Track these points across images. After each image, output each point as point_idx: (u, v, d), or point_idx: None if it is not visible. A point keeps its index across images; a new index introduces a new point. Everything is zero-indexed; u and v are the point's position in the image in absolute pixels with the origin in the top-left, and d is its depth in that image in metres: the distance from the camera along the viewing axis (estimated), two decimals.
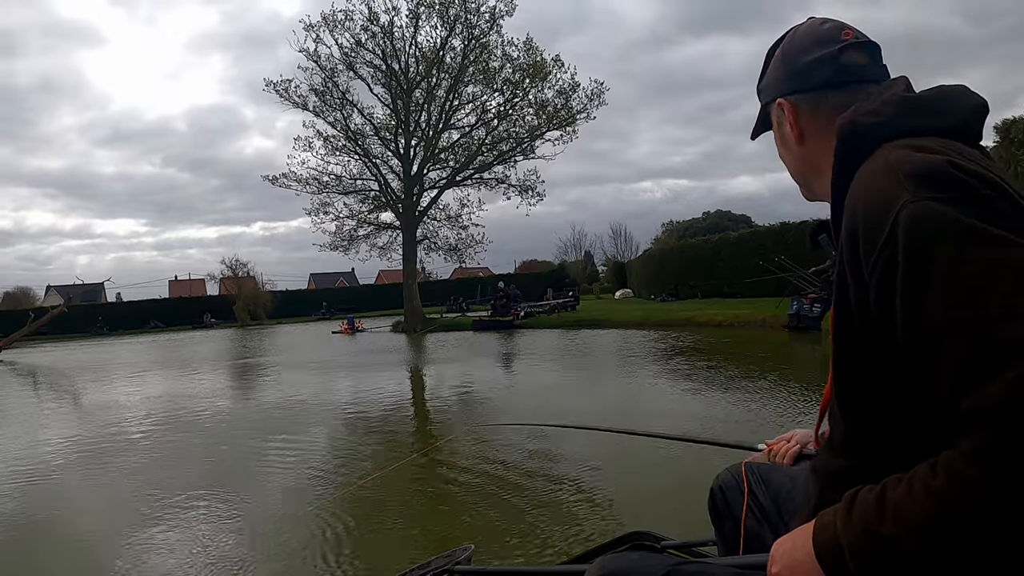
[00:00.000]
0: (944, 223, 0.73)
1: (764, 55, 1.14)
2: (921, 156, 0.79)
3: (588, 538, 3.29)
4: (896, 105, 0.89)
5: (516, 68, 24.58)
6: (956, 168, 0.77)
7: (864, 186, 0.82)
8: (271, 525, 3.92)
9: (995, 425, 0.65)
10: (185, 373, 14.57)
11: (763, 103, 1.13)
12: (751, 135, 1.22)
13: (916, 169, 0.78)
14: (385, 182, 26.27)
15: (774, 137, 1.13)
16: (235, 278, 45.52)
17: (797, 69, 1.05)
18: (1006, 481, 0.65)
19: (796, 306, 13.51)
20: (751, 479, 1.36)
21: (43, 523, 4.33)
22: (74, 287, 45.44)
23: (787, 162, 1.12)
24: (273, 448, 6.15)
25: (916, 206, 0.75)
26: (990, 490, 0.66)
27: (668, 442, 4.33)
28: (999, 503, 0.65)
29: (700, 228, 44.61)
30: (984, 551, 0.68)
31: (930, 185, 0.76)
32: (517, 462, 4.98)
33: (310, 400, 9.12)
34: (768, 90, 1.10)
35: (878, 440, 0.86)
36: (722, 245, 24.92)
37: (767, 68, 1.12)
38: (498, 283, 25.56)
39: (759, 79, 1.15)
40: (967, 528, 0.67)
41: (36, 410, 10.39)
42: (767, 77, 1.12)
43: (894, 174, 0.79)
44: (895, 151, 0.83)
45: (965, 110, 0.89)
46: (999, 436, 0.65)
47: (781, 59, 1.08)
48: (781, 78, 1.07)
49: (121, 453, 6.32)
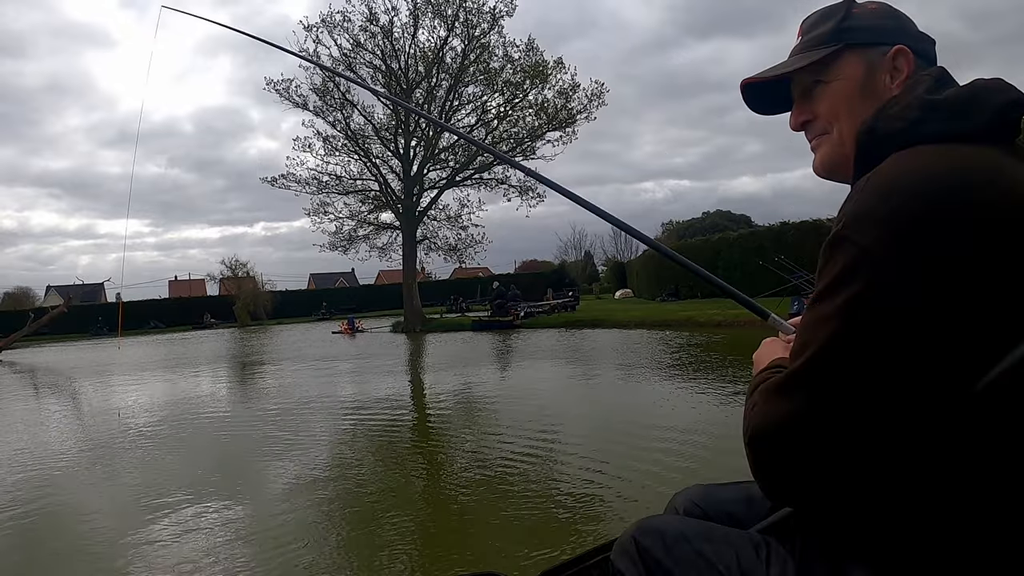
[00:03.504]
0: (834, 263, 0.81)
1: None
2: (895, 186, 0.79)
3: (589, 538, 3.29)
4: (918, 109, 0.86)
5: (517, 69, 24.59)
6: (933, 200, 0.76)
7: (879, 183, 0.81)
8: (272, 525, 3.91)
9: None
10: (186, 373, 14.57)
11: (852, 42, 0.96)
12: (758, 79, 1.04)
13: (859, 205, 0.80)
14: (385, 182, 26.28)
15: (838, 85, 0.97)
16: (235, 278, 45.52)
17: (913, 31, 0.98)
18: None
19: (796, 306, 13.52)
20: (721, 500, 1.27)
21: (44, 522, 4.33)
22: (74, 287, 45.49)
23: (857, 116, 0.93)
24: (274, 449, 6.14)
25: (832, 238, 0.82)
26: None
27: (668, 441, 4.29)
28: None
29: (700, 228, 44.62)
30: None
31: (853, 223, 0.80)
32: (517, 463, 4.98)
33: (310, 401, 9.12)
34: (878, 31, 0.96)
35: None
36: (722, 245, 24.92)
37: (851, 15, 0.98)
38: (493, 283, 25.56)
39: (840, 20, 0.97)
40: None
41: (36, 409, 10.39)
42: (865, 20, 0.97)
43: (866, 193, 0.81)
44: (888, 169, 0.81)
45: (993, 110, 0.84)
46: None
47: (889, 14, 0.98)
48: (899, 28, 0.97)
49: (122, 452, 6.31)
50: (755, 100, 1.09)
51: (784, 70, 1.00)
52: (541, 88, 24.67)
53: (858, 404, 0.76)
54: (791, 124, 1.04)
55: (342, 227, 26.64)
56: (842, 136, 0.96)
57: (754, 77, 1.05)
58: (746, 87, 1.07)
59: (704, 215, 51.25)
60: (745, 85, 1.07)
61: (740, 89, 1.08)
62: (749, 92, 1.08)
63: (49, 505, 4.72)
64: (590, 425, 6.36)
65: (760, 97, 1.08)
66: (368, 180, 26.54)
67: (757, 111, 1.10)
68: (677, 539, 1.05)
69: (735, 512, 1.23)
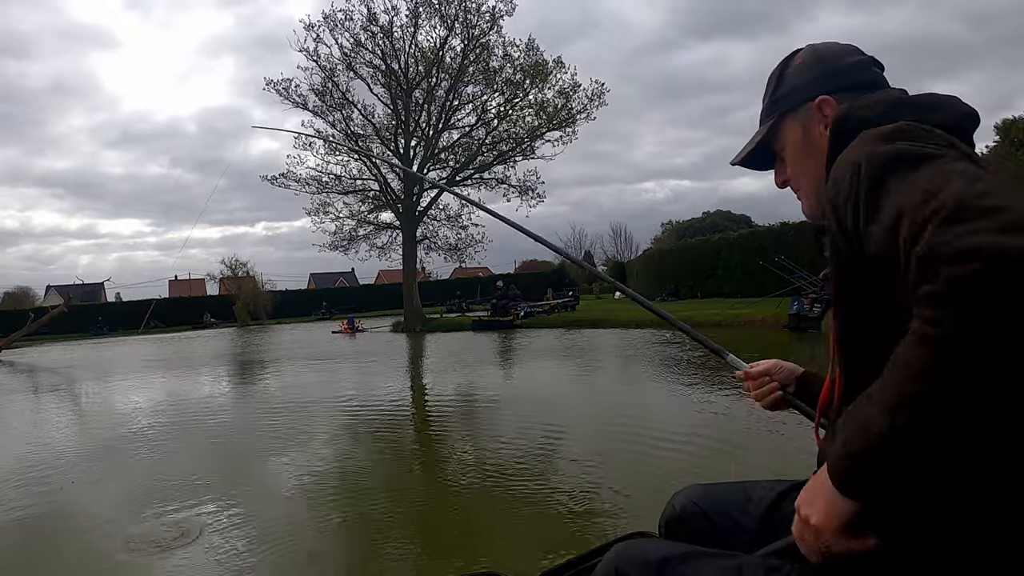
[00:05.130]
0: (896, 152, 0.80)
1: (768, 61, 1.13)
2: (887, 128, 0.85)
3: (589, 538, 3.29)
4: (888, 103, 0.93)
5: (516, 68, 24.59)
6: (907, 125, 0.85)
7: (841, 159, 0.88)
8: (272, 525, 3.91)
9: (941, 295, 0.65)
10: (186, 373, 14.56)
11: (783, 110, 1.07)
12: (740, 159, 1.16)
13: (882, 131, 0.85)
14: (385, 182, 26.26)
15: (788, 150, 1.08)
16: (235, 278, 45.50)
17: (838, 69, 1.03)
18: (967, 323, 0.64)
19: (796, 306, 13.52)
20: (722, 501, 1.27)
21: (46, 522, 4.33)
22: (74, 287, 45.45)
23: (810, 172, 1.04)
24: (274, 449, 6.14)
25: (872, 155, 0.81)
26: (959, 333, 0.64)
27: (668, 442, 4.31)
28: (964, 347, 0.64)
29: (700, 228, 44.60)
30: (957, 416, 0.66)
31: (888, 137, 0.83)
32: (517, 462, 4.98)
33: (311, 401, 9.11)
34: (799, 92, 1.05)
35: None
36: (722, 245, 24.92)
37: (782, 81, 1.08)
38: (496, 282, 25.55)
39: (773, 91, 1.10)
40: (939, 385, 0.66)
41: (37, 409, 10.39)
42: (790, 83, 1.07)
43: (863, 139, 0.86)
44: (877, 128, 0.87)
45: (956, 114, 0.91)
46: (947, 301, 0.64)
47: (813, 63, 1.05)
48: (819, 77, 1.03)
49: (123, 452, 6.31)
50: (750, 164, 1.18)
51: (748, 149, 1.14)
52: (541, 88, 24.69)
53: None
54: (776, 183, 1.14)
55: (342, 227, 26.66)
56: (806, 192, 1.07)
57: (736, 159, 1.18)
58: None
59: (704, 215, 51.22)
60: (734, 164, 1.20)
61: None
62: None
63: (49, 505, 4.72)
64: (590, 425, 6.36)
65: (751, 161, 1.17)
66: (368, 180, 26.57)
67: (755, 169, 1.18)
68: (660, 565, 1.01)
69: (733, 513, 1.22)
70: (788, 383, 1.35)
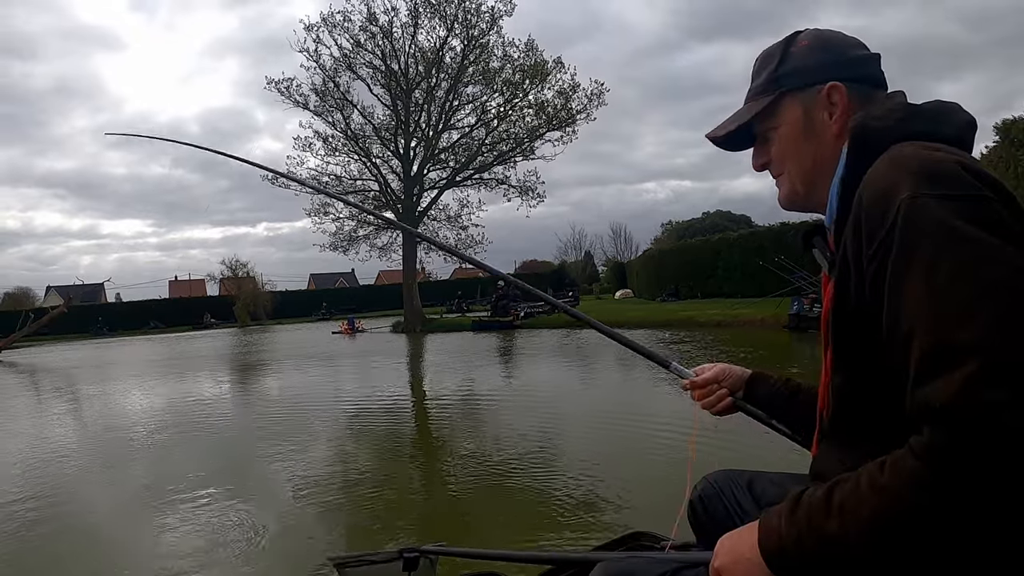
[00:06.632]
0: (935, 221, 0.73)
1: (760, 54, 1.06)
2: (930, 154, 0.80)
3: (589, 538, 3.29)
4: (901, 111, 0.91)
5: (516, 69, 24.60)
6: (964, 168, 0.77)
7: (872, 181, 0.83)
8: (272, 525, 3.92)
9: (944, 422, 0.66)
10: (188, 371, 14.56)
11: (785, 89, 1.01)
12: (722, 134, 1.09)
13: (923, 166, 0.78)
14: (385, 182, 26.29)
15: (781, 130, 1.02)
16: (235, 278, 45.51)
17: (849, 58, 0.99)
18: (952, 481, 0.65)
19: (796, 306, 13.52)
20: (734, 486, 1.32)
21: (48, 520, 4.33)
22: (74, 287, 45.53)
23: (803, 157, 1.00)
24: (274, 449, 6.15)
25: (914, 202, 0.75)
26: (936, 488, 0.66)
27: (669, 441, 4.29)
28: (944, 502, 0.66)
29: (700, 228, 44.59)
30: (928, 550, 0.68)
31: (933, 182, 0.76)
32: (517, 462, 4.98)
33: (310, 400, 9.12)
34: (806, 73, 0.99)
35: (877, 436, 0.85)
36: (722, 245, 24.92)
37: (785, 60, 1.01)
38: (498, 282, 25.54)
39: (775, 68, 1.02)
40: (911, 525, 0.68)
41: (37, 409, 10.39)
42: (795, 63, 1.01)
43: (901, 169, 0.80)
44: (907, 147, 0.83)
45: (961, 123, 0.90)
46: (948, 433, 0.65)
47: (820, 48, 1.00)
48: (828, 62, 0.99)
49: (124, 452, 6.32)
50: (723, 141, 1.12)
51: (733, 125, 1.06)
52: (540, 88, 24.71)
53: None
54: (753, 166, 1.09)
55: (342, 227, 26.67)
56: (791, 177, 1.02)
57: (714, 133, 1.10)
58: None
59: (704, 215, 51.22)
60: (710, 139, 1.12)
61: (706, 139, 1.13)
62: (715, 140, 1.13)
63: (51, 504, 4.72)
64: (590, 424, 6.36)
65: (725, 140, 1.11)
66: (368, 180, 26.58)
67: (726, 149, 1.13)
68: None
69: (742, 500, 1.28)
70: (738, 388, 1.39)
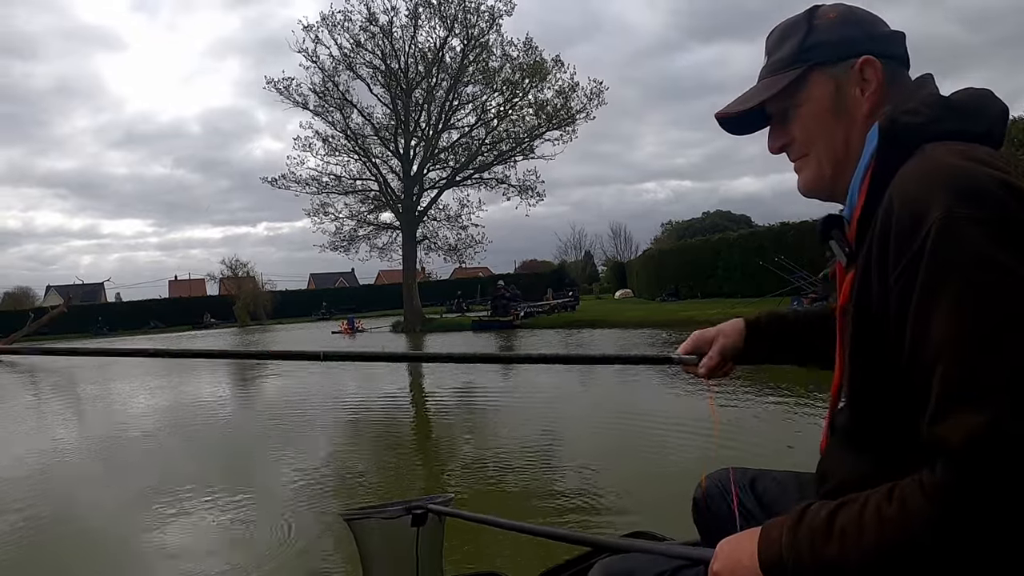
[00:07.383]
0: (966, 247, 0.70)
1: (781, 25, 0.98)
2: (969, 166, 0.75)
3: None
4: (935, 107, 0.85)
5: (516, 68, 24.60)
6: (1005, 187, 0.72)
7: (904, 189, 0.78)
8: (272, 525, 3.92)
9: (958, 462, 0.65)
10: (188, 371, 14.56)
11: (815, 62, 0.93)
12: (737, 110, 1.00)
13: (958, 181, 0.74)
14: (385, 182, 26.30)
15: (807, 107, 0.94)
16: (235, 278, 45.49)
17: (881, 33, 0.93)
18: (958, 520, 0.65)
19: (796, 306, 13.53)
20: (737, 485, 1.28)
21: (50, 520, 4.34)
22: (74, 287, 45.50)
23: (834, 137, 0.92)
24: (274, 448, 6.15)
25: (948, 222, 0.71)
26: (942, 527, 0.66)
27: (669, 440, 4.30)
28: (949, 541, 0.66)
29: (700, 228, 44.58)
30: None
31: (969, 202, 0.72)
32: (517, 462, 4.99)
33: (310, 400, 9.13)
34: (838, 46, 0.92)
35: (889, 441, 0.83)
36: (722, 245, 24.92)
37: (812, 31, 0.93)
38: (497, 282, 25.55)
39: (802, 40, 0.93)
40: (913, 560, 0.67)
41: (38, 409, 10.39)
42: (824, 35, 0.93)
43: (935, 182, 0.75)
44: (942, 155, 0.78)
45: (994, 116, 0.86)
46: (961, 474, 0.65)
47: (850, 21, 0.93)
48: (860, 36, 0.92)
49: (125, 452, 6.32)
50: (731, 124, 1.05)
51: (754, 101, 0.97)
52: (540, 87, 24.72)
53: None
54: (770, 148, 1.01)
55: (342, 227, 26.70)
56: (819, 159, 0.94)
57: (727, 111, 1.01)
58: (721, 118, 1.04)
59: (704, 215, 51.21)
60: (720, 118, 1.04)
61: (716, 119, 1.04)
62: (724, 120, 1.04)
63: (56, 502, 4.72)
64: (591, 424, 6.37)
65: (736, 121, 1.03)
66: (368, 180, 26.59)
67: (734, 133, 1.06)
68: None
69: (745, 500, 1.25)
70: (738, 348, 1.28)
